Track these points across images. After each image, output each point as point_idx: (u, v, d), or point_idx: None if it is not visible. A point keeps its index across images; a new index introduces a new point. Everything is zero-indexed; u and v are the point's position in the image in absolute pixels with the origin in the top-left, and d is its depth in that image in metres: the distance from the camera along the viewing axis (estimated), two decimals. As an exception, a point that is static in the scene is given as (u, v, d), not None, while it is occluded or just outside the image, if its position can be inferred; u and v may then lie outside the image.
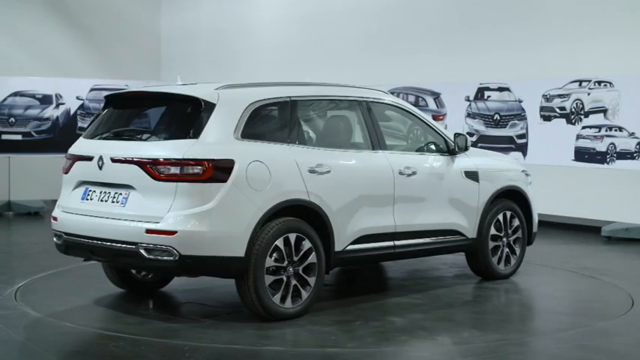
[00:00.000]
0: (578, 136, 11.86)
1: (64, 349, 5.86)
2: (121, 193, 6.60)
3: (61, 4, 19.04)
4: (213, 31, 19.27)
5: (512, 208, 8.58)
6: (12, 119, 13.63)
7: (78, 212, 6.86)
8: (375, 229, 7.31)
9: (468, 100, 13.36)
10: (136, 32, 20.10)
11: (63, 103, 13.95)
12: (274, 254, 6.54)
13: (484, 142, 13.13)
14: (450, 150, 8.08)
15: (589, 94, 11.74)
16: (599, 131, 11.61)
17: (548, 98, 12.28)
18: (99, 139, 7.03)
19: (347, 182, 7.11)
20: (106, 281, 8.23)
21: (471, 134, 13.34)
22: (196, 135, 6.45)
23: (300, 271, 6.71)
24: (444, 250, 8.20)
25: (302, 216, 6.76)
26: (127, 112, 7.28)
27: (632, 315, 7.10)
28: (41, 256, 9.71)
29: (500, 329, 6.61)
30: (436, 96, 13.87)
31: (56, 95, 13.93)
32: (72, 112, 14.02)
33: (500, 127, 12.93)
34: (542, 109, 12.35)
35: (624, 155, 11.29)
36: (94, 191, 6.80)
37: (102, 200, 6.73)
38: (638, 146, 11.13)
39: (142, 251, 6.35)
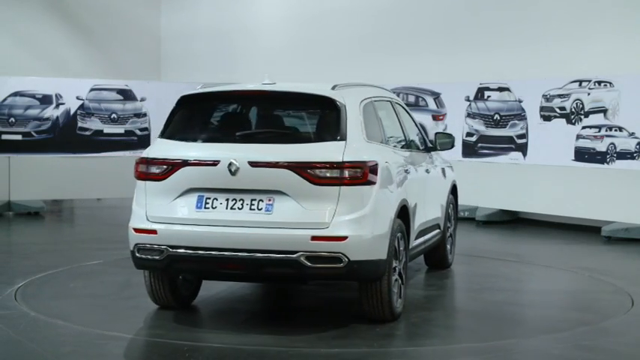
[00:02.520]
0: (578, 136, 11.86)
1: (64, 349, 5.85)
2: (262, 200, 6.11)
3: (61, 4, 19.04)
4: (213, 31, 19.27)
5: (453, 202, 9.03)
6: (12, 119, 13.63)
7: (193, 223, 6.20)
8: (423, 224, 7.61)
9: (468, 100, 13.36)
10: (136, 32, 20.11)
11: (63, 103, 13.96)
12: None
13: (484, 142, 13.14)
14: (427, 147, 8.25)
15: (589, 94, 11.74)
16: (599, 131, 11.61)
17: (548, 98, 12.28)
18: (220, 142, 6.43)
19: (416, 181, 7.31)
20: (106, 281, 8.24)
21: (471, 134, 13.35)
22: (343, 137, 6.23)
23: (402, 270, 6.72)
24: (433, 245, 8.32)
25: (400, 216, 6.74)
26: (246, 113, 6.85)
27: (632, 315, 7.10)
28: (41, 256, 9.71)
29: (500, 329, 6.61)
30: (436, 96, 13.87)
31: (56, 95, 13.93)
32: (72, 112, 14.02)
33: (500, 127, 12.93)
34: (542, 109, 12.35)
35: (624, 155, 11.29)
36: (217, 199, 6.20)
37: (232, 208, 6.15)
38: (638, 146, 11.13)
39: (303, 259, 5.97)
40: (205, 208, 6.21)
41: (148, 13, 20.44)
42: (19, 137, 13.68)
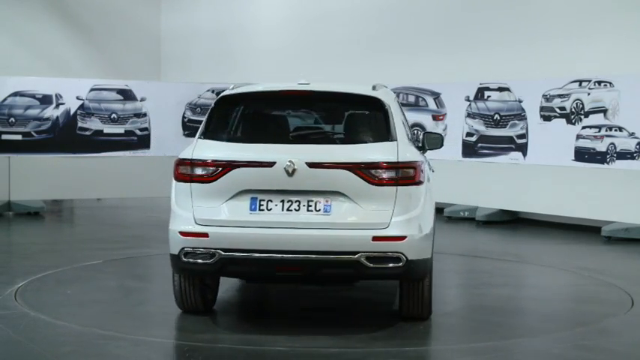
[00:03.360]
0: (578, 136, 11.86)
1: (64, 349, 5.85)
2: (319, 201, 6.08)
3: (60, 4, 19.05)
4: (213, 31, 19.28)
5: None
6: (12, 119, 13.63)
7: (247, 225, 6.10)
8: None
9: (468, 100, 13.36)
10: (136, 32, 20.13)
11: (63, 103, 13.95)
12: None
13: (484, 142, 13.14)
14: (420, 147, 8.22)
15: (589, 94, 11.74)
16: (599, 131, 11.61)
17: (548, 98, 12.28)
18: (273, 143, 6.32)
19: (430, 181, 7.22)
20: (106, 281, 8.24)
21: (471, 134, 13.34)
22: (393, 137, 6.28)
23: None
24: None
25: None
26: (292, 113, 6.78)
27: (632, 315, 7.10)
28: (41, 256, 9.70)
29: (500, 329, 6.61)
30: (436, 96, 13.87)
31: (56, 95, 13.93)
32: (72, 112, 14.01)
33: (500, 127, 12.93)
34: (542, 109, 12.35)
35: (624, 155, 11.29)
36: (271, 200, 6.11)
37: (288, 210, 6.09)
38: (638, 146, 11.13)
39: (364, 260, 5.97)
40: (260, 210, 6.12)
41: (148, 13, 20.45)
42: (19, 137, 13.68)
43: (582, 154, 11.81)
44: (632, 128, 11.20)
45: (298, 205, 6.10)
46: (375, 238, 5.99)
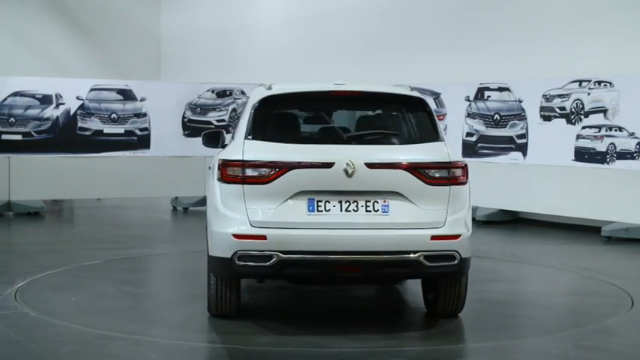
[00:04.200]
0: (578, 136, 11.86)
1: (64, 349, 5.85)
2: (376, 201, 6.11)
3: (61, 4, 19.06)
4: (213, 31, 19.29)
5: None
6: (12, 119, 13.63)
7: (306, 227, 6.05)
8: None
9: (468, 100, 13.36)
10: (136, 32, 20.14)
11: (63, 103, 13.95)
12: None
13: (484, 142, 13.14)
14: None
15: (589, 94, 11.74)
16: (599, 131, 11.61)
17: (548, 98, 12.28)
18: (328, 143, 6.34)
19: None
20: (106, 281, 8.23)
21: (470, 134, 13.35)
22: (440, 137, 6.45)
23: None
24: None
25: None
26: (341, 113, 6.75)
27: (632, 315, 7.10)
28: (41, 256, 9.70)
29: (500, 329, 6.61)
30: (436, 96, 13.87)
31: (56, 95, 13.92)
32: (72, 112, 14.01)
33: (500, 127, 12.93)
34: (542, 109, 12.36)
35: (624, 155, 11.29)
36: (329, 201, 6.09)
37: (347, 210, 6.09)
38: (638, 146, 11.13)
39: (422, 259, 6.06)
40: (318, 211, 6.09)
41: (148, 13, 20.46)
42: (19, 137, 13.68)
43: (582, 154, 11.81)
44: (632, 128, 11.20)
45: (357, 206, 6.11)
46: (433, 237, 6.10)
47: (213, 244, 6.29)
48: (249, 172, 6.12)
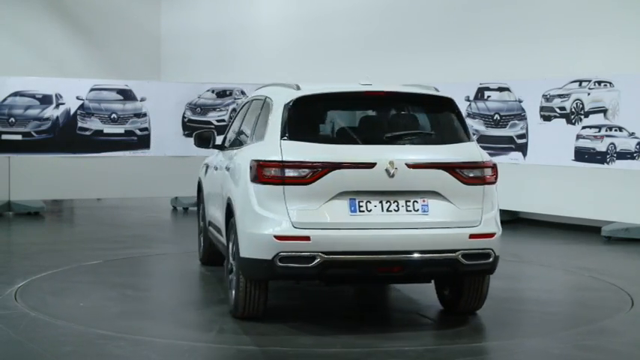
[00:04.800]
0: (578, 136, 11.86)
1: (64, 349, 5.85)
2: (416, 201, 6.18)
3: (61, 4, 19.06)
4: (213, 31, 19.29)
5: None
6: (12, 119, 13.63)
7: (348, 227, 6.06)
8: None
9: (468, 100, 13.36)
10: (136, 32, 20.14)
11: (63, 103, 13.95)
12: None
13: (484, 142, 13.13)
14: None
15: (589, 94, 11.74)
16: (599, 131, 11.61)
17: (548, 98, 12.28)
18: (368, 144, 6.33)
19: None
20: (106, 281, 8.23)
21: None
22: (471, 137, 6.60)
23: None
24: None
25: None
26: (374, 114, 6.74)
27: (632, 315, 7.10)
28: (41, 256, 9.70)
29: (500, 329, 6.61)
30: (436, 96, 13.84)
31: (56, 95, 13.92)
32: (72, 112, 14.01)
33: (500, 127, 12.93)
34: (542, 109, 12.35)
35: (624, 155, 11.28)
36: (370, 202, 6.11)
37: (388, 210, 6.13)
38: (638, 146, 11.12)
39: (461, 257, 6.17)
40: (360, 211, 6.10)
41: (148, 13, 20.47)
42: (19, 137, 13.68)
43: (582, 154, 11.81)
44: (632, 128, 11.20)
45: (397, 206, 6.15)
46: (471, 236, 6.21)
47: (248, 245, 6.22)
48: (290, 172, 6.08)
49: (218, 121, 14.67)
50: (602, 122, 11.57)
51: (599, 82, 11.61)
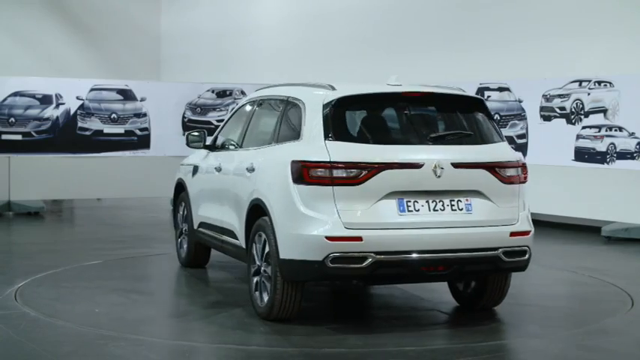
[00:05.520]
0: (578, 136, 11.86)
1: (64, 349, 5.85)
2: (460, 200, 6.28)
3: (61, 4, 19.06)
4: (213, 31, 19.29)
5: None
6: (12, 119, 13.63)
7: (398, 227, 6.11)
8: None
9: (468, 100, 13.34)
10: (136, 32, 20.14)
11: (63, 103, 13.95)
12: None
13: (484, 142, 13.13)
14: None
15: (589, 94, 11.74)
16: (599, 131, 11.61)
17: (548, 98, 12.28)
18: (414, 144, 6.38)
19: None
20: (106, 282, 8.23)
21: (471, 134, 13.35)
22: (503, 138, 6.75)
23: None
24: None
25: None
26: (413, 114, 6.70)
27: (632, 315, 7.10)
28: (41, 256, 9.70)
29: (500, 329, 6.61)
30: (436, 96, 13.85)
31: (56, 95, 13.93)
32: (72, 112, 14.02)
33: (500, 127, 12.92)
34: (542, 109, 12.35)
35: (624, 155, 11.29)
36: (417, 201, 6.17)
37: (434, 210, 6.21)
38: (638, 146, 11.12)
39: (502, 255, 6.31)
40: (409, 211, 6.16)
41: (148, 13, 20.47)
42: (19, 137, 13.68)
43: (582, 154, 11.81)
44: (632, 128, 11.20)
45: (443, 205, 6.24)
46: (512, 234, 6.38)
47: (292, 247, 6.17)
48: (339, 173, 6.07)
49: (218, 121, 14.66)
50: (602, 122, 11.58)
51: (599, 82, 11.62)
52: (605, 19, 12.19)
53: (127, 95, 14.43)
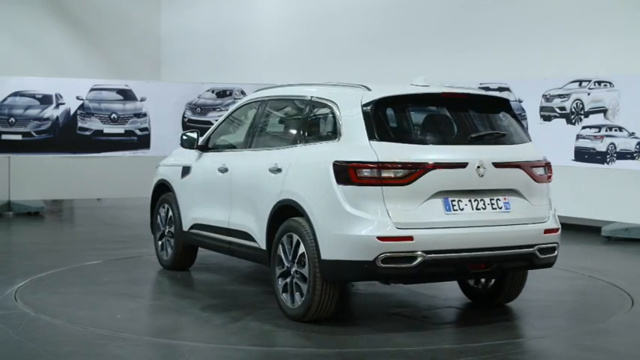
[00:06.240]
0: (578, 136, 11.86)
1: (64, 349, 5.86)
2: (499, 199, 6.43)
3: (61, 5, 19.06)
4: (213, 31, 19.28)
5: None
6: (12, 119, 13.63)
7: (445, 226, 6.19)
8: None
9: (468, 100, 13.34)
10: (136, 32, 20.13)
11: (63, 103, 13.95)
12: None
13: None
14: None
15: (589, 94, 11.74)
16: (599, 131, 11.61)
17: (548, 98, 12.28)
18: (457, 144, 6.49)
19: None
20: (106, 281, 8.23)
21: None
22: (530, 137, 6.93)
23: None
24: None
25: None
26: (450, 115, 6.73)
27: (632, 315, 7.10)
28: (41, 256, 9.70)
29: (500, 329, 6.61)
30: (436, 96, 13.84)
31: (56, 95, 13.93)
32: (72, 112, 14.02)
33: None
34: (542, 109, 12.35)
35: (624, 155, 11.29)
36: (460, 200, 6.27)
37: (477, 209, 6.33)
38: (638, 146, 11.13)
39: (537, 252, 6.53)
40: (454, 210, 6.26)
41: (148, 13, 20.46)
42: (19, 137, 13.68)
43: (582, 154, 11.81)
44: (632, 128, 11.20)
45: (484, 204, 6.37)
46: (545, 231, 6.60)
47: (339, 247, 6.15)
48: (388, 173, 6.11)
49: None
50: (602, 122, 11.58)
51: (599, 82, 11.61)
52: (605, 19, 12.19)
53: (127, 95, 14.43)
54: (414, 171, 6.13)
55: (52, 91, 13.92)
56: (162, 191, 8.81)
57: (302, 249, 6.41)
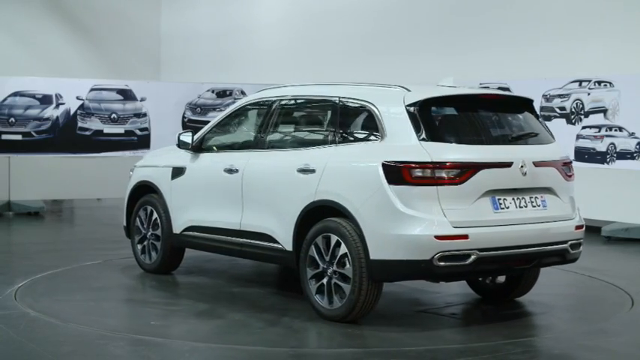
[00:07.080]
0: (578, 136, 11.86)
1: (64, 349, 5.86)
2: (537, 197, 6.66)
3: (61, 4, 19.04)
4: (213, 31, 19.28)
5: None
6: (12, 119, 13.63)
7: (494, 224, 6.36)
8: None
9: (468, 100, 13.33)
10: (136, 32, 20.11)
11: (63, 103, 13.95)
12: None
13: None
14: None
15: (589, 94, 11.74)
16: (599, 131, 11.61)
17: (548, 98, 12.27)
18: (501, 144, 6.70)
19: None
20: (106, 281, 8.23)
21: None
22: (554, 137, 7.12)
23: None
24: None
25: None
26: (489, 115, 6.86)
27: (632, 315, 7.10)
28: (41, 256, 9.71)
29: (500, 329, 6.61)
30: (436, 96, 13.83)
31: (56, 95, 13.92)
32: (72, 112, 14.01)
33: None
34: (542, 109, 12.35)
35: (624, 155, 11.29)
36: (505, 199, 6.47)
37: (520, 207, 6.54)
38: (638, 146, 11.12)
39: (569, 247, 6.75)
40: (501, 208, 6.44)
41: (148, 13, 20.44)
42: (19, 137, 13.67)
43: (582, 154, 11.81)
44: (632, 128, 11.20)
45: (525, 202, 6.58)
46: (576, 227, 6.83)
47: (393, 247, 6.18)
48: (442, 173, 6.20)
49: (218, 121, 14.66)
50: (602, 122, 11.57)
51: (599, 82, 11.61)
52: (605, 19, 12.19)
53: (127, 95, 14.43)
54: (466, 170, 6.26)
55: (52, 91, 13.92)
56: (143, 193, 8.60)
57: (342, 249, 6.39)
